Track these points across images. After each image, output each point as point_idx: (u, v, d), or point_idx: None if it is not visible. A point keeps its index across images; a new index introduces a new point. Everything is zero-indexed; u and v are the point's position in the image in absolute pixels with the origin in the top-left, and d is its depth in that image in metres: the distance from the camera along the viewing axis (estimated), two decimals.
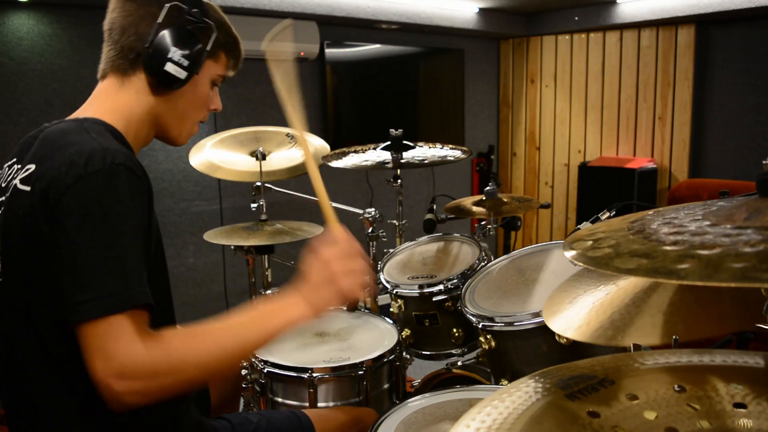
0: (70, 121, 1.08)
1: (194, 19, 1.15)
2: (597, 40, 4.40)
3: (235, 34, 1.26)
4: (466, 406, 1.38)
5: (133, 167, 0.99)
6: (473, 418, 0.63)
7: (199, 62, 1.15)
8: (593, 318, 1.01)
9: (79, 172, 0.94)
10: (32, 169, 1.01)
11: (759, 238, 0.62)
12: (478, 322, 1.56)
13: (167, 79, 1.13)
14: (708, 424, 0.63)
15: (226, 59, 1.24)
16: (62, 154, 0.98)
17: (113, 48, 1.14)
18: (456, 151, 2.18)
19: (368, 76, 4.16)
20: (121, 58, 1.13)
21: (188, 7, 1.14)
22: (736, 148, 3.89)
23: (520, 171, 5.01)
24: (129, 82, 1.14)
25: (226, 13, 1.25)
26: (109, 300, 0.90)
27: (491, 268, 1.79)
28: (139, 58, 1.12)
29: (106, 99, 1.14)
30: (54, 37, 3.03)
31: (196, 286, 3.59)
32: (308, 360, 1.65)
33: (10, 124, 2.94)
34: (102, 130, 1.05)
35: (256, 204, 2.19)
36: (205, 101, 1.24)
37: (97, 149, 0.97)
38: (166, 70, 1.11)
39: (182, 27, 1.13)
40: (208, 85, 1.23)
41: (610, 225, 0.82)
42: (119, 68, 1.14)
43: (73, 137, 1.01)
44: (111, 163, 0.96)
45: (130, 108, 1.14)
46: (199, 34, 1.15)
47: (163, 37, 1.11)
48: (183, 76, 1.13)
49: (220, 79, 1.25)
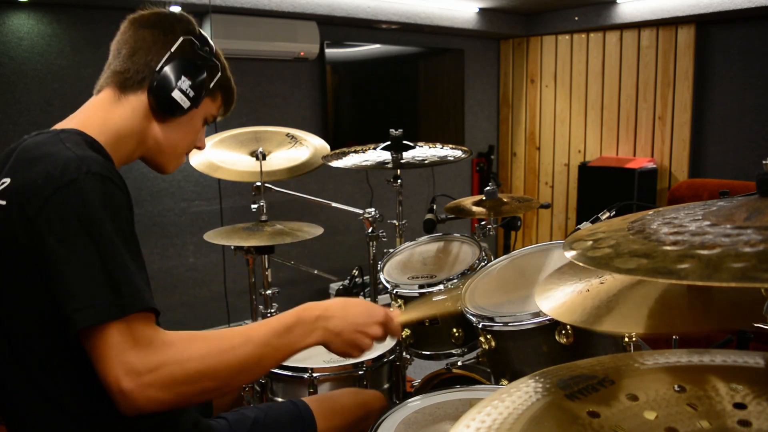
0: (47, 134, 1.08)
1: (204, 56, 1.20)
2: (597, 40, 4.40)
3: (232, 82, 1.32)
4: (466, 406, 1.38)
5: (110, 176, 0.99)
6: (473, 418, 0.63)
7: (201, 96, 1.20)
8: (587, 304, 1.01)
9: (56, 183, 0.94)
10: (7, 182, 1.00)
11: (759, 238, 0.62)
12: (478, 322, 1.56)
13: (171, 105, 1.16)
14: (708, 424, 0.63)
15: (221, 101, 1.29)
16: (38, 167, 0.97)
17: (120, 65, 1.16)
18: (456, 151, 2.18)
19: (368, 76, 4.16)
20: (127, 77, 1.15)
21: (200, 44, 1.20)
22: (736, 148, 3.89)
23: (520, 171, 5.01)
24: (126, 100, 1.16)
25: (227, 14, 1.27)
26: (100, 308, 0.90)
27: (491, 268, 1.79)
28: (145, 81, 1.15)
29: (96, 111, 1.15)
30: (54, 37, 3.03)
31: (196, 286, 3.59)
32: (308, 360, 1.65)
33: (10, 124, 2.94)
34: (78, 141, 1.05)
35: (257, 204, 2.19)
36: (196, 135, 1.27)
37: (72, 159, 0.97)
38: (172, 96, 1.15)
39: (193, 61, 1.18)
40: (202, 120, 1.26)
41: (610, 225, 0.82)
42: (120, 85, 1.16)
43: (48, 149, 1.01)
44: (87, 172, 0.95)
45: (120, 124, 1.15)
46: (207, 71, 1.20)
47: (175, 66, 1.16)
48: (186, 106, 1.17)
49: (210, 119, 1.29)
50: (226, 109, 1.32)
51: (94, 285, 0.91)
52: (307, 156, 2.28)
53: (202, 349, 0.96)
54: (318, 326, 1.10)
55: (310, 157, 2.28)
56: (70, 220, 0.93)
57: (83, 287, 0.91)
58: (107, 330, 0.90)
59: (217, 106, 1.28)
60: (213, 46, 1.24)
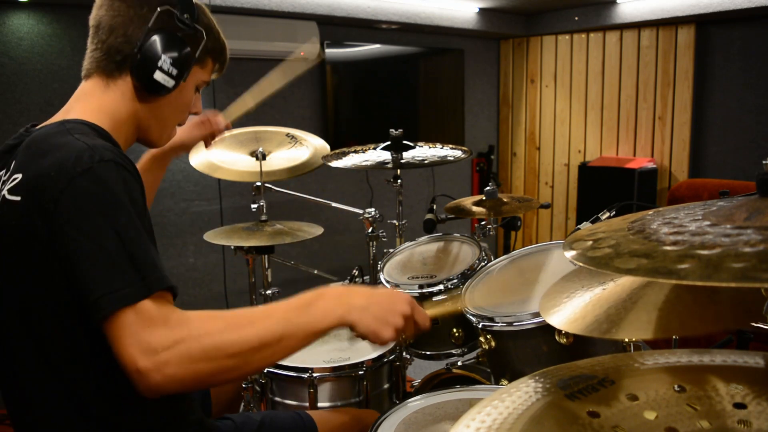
0: (52, 125, 1.07)
1: (185, 26, 1.14)
2: (597, 40, 4.40)
3: (222, 39, 1.25)
4: (466, 406, 1.38)
5: (122, 162, 0.99)
6: (473, 418, 0.63)
7: (187, 69, 1.15)
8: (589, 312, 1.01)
9: (70, 173, 0.94)
10: (19, 178, 1.00)
11: (759, 238, 0.62)
12: (478, 322, 1.56)
13: (155, 86, 1.12)
14: (708, 424, 0.63)
15: (212, 64, 1.25)
16: (49, 159, 0.97)
17: (99, 48, 1.13)
18: (456, 151, 2.18)
19: (368, 76, 4.16)
20: (107, 60, 1.12)
21: (179, 12, 1.13)
22: (736, 148, 3.89)
23: (520, 171, 5.01)
24: (114, 85, 1.13)
25: (226, 14, 1.25)
26: (128, 290, 0.90)
27: (491, 268, 1.79)
28: (126, 61, 1.11)
29: (90, 99, 1.13)
30: (54, 37, 3.03)
31: (196, 286, 3.59)
32: (308, 360, 1.65)
33: (10, 124, 2.94)
34: (85, 130, 1.05)
35: (257, 204, 2.19)
36: (188, 106, 1.24)
37: (83, 148, 0.97)
38: (154, 78, 1.11)
39: (173, 33, 1.12)
40: (193, 90, 1.23)
41: (610, 225, 0.82)
42: (105, 69, 1.13)
43: (57, 140, 1.01)
44: (99, 160, 0.95)
45: (116, 109, 1.13)
46: (189, 41, 1.15)
47: (153, 43, 1.10)
48: (171, 85, 1.13)
49: (204, 84, 1.25)
50: (219, 72, 1.28)
51: (119, 269, 0.91)
52: (307, 156, 2.28)
53: (220, 325, 0.94)
54: (342, 302, 1.02)
55: (310, 157, 2.28)
56: (88, 209, 0.93)
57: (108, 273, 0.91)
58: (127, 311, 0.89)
59: (209, 71, 1.24)
60: (195, 10, 1.16)
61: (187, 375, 0.89)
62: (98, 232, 0.92)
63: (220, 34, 1.25)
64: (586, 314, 1.01)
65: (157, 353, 0.87)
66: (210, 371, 0.91)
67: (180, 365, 0.88)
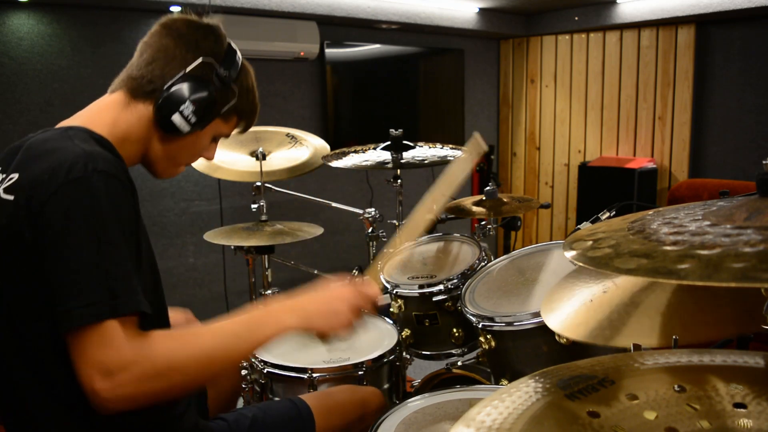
0: (55, 130, 1.08)
1: (220, 81, 1.16)
2: (597, 40, 4.40)
3: (256, 102, 1.27)
4: (466, 406, 1.38)
5: (116, 173, 0.99)
6: (473, 418, 0.63)
7: (206, 121, 1.17)
8: (591, 317, 1.01)
9: (60, 179, 0.94)
10: (15, 178, 1.01)
11: (759, 238, 0.62)
12: (478, 322, 1.56)
13: (170, 126, 1.14)
14: (708, 424, 0.63)
15: (237, 122, 1.26)
16: (44, 162, 0.97)
17: (136, 71, 1.14)
18: (456, 151, 2.18)
19: (368, 76, 4.16)
20: (139, 85, 1.14)
21: (221, 68, 1.15)
22: (736, 148, 3.89)
23: (520, 171, 5.01)
24: (135, 107, 1.14)
25: (226, 14, 1.25)
26: (97, 307, 0.90)
27: (491, 268, 1.79)
28: (155, 93, 1.13)
29: (107, 112, 1.14)
30: (54, 37, 3.03)
31: (196, 286, 3.59)
32: (308, 360, 1.65)
33: (10, 124, 2.94)
34: (86, 137, 1.05)
35: (257, 204, 2.19)
36: (200, 152, 1.24)
37: (79, 156, 0.97)
38: (171, 119, 1.12)
39: (205, 84, 1.14)
40: (209, 139, 1.23)
41: (610, 225, 0.82)
42: (132, 90, 1.14)
43: (56, 144, 1.01)
44: (93, 170, 0.95)
45: (128, 128, 1.14)
46: (218, 96, 1.16)
47: (182, 88, 1.12)
48: (185, 130, 1.15)
49: (221, 136, 1.26)
50: (244, 129, 1.29)
51: (92, 285, 0.91)
52: (307, 156, 2.28)
53: (171, 344, 0.97)
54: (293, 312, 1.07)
55: (310, 157, 2.28)
56: (73, 216, 0.93)
57: (80, 286, 0.91)
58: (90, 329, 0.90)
59: (231, 126, 1.25)
60: (238, 69, 1.19)
61: (140, 394, 0.92)
62: (78, 243, 0.92)
63: (256, 98, 1.26)
64: (588, 319, 1.01)
65: (113, 375, 0.89)
66: (162, 389, 0.95)
67: (133, 385, 0.91)
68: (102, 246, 0.93)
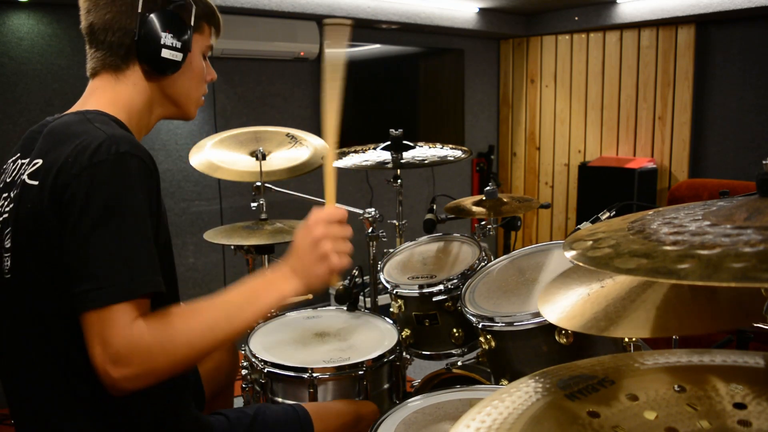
0: (73, 114, 1.09)
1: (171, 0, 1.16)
2: (597, 40, 4.40)
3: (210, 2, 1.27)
4: (466, 406, 1.38)
5: (140, 154, 1.00)
6: (473, 418, 0.63)
7: (189, 40, 1.17)
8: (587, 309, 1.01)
9: (85, 162, 0.95)
10: (39, 163, 1.02)
11: (759, 238, 0.62)
12: (478, 322, 1.56)
13: (165, 64, 1.14)
14: (708, 424, 0.63)
15: (208, 29, 1.26)
16: (68, 146, 0.99)
17: (100, 48, 1.14)
18: (456, 151, 2.18)
19: (368, 76, 4.16)
20: (112, 56, 1.14)
21: None
22: (736, 148, 3.89)
23: (520, 171, 5.01)
24: (124, 77, 1.15)
25: (226, 14, 1.26)
26: (116, 289, 0.91)
27: (491, 268, 1.79)
28: (131, 51, 1.13)
29: (103, 93, 1.15)
30: (54, 37, 3.03)
31: (196, 286, 3.59)
32: (308, 360, 1.65)
33: (10, 124, 2.94)
34: (105, 120, 1.06)
35: (256, 204, 2.19)
36: (202, 74, 1.26)
37: (103, 138, 0.98)
38: (163, 56, 1.13)
39: (164, 10, 1.14)
40: (201, 58, 1.25)
41: (610, 225, 0.82)
42: (111, 65, 1.15)
43: (78, 128, 1.02)
44: (116, 152, 0.97)
45: (130, 100, 1.15)
46: (181, 13, 1.17)
47: (150, 25, 1.12)
48: (179, 58, 1.16)
49: (208, 50, 1.27)
50: (217, 33, 1.30)
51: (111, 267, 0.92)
52: (307, 156, 2.28)
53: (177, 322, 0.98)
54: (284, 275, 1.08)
55: (310, 157, 2.28)
56: (93, 198, 0.94)
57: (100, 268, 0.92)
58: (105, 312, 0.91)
59: (207, 35, 1.26)
60: None
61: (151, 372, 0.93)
62: (101, 224, 0.93)
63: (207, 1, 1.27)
64: (585, 311, 1.01)
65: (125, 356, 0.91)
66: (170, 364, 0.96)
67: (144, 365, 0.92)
68: (121, 228, 0.94)
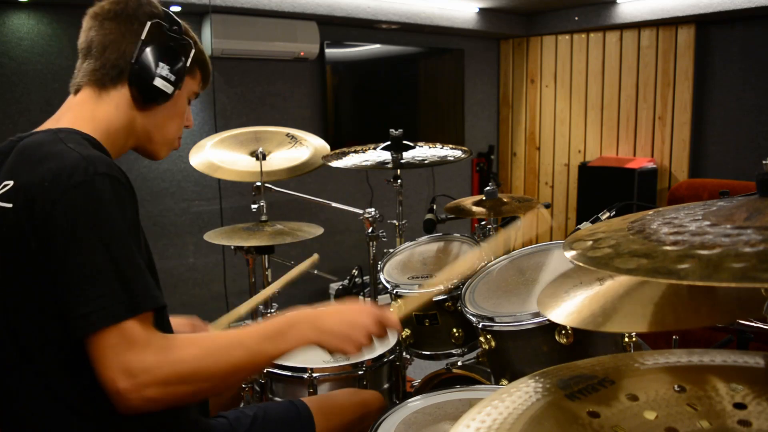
0: (44, 133, 1.07)
1: (175, 36, 1.18)
2: (597, 40, 4.40)
3: (205, 52, 1.30)
4: (466, 406, 1.38)
5: (116, 174, 0.99)
6: (473, 418, 0.63)
7: (182, 78, 1.19)
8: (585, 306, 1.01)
9: (63, 185, 0.94)
10: (10, 185, 1.00)
11: (759, 238, 0.62)
12: (478, 322, 1.56)
13: (155, 93, 1.15)
14: (708, 424, 0.63)
15: (199, 75, 1.28)
16: (42, 168, 0.97)
17: (93, 63, 1.14)
18: (456, 151, 2.18)
19: (368, 76, 4.16)
20: (103, 74, 1.14)
21: (168, 25, 1.18)
22: (736, 148, 3.89)
23: (520, 171, 5.01)
24: (108, 96, 1.14)
25: (226, 14, 1.26)
26: (113, 309, 0.91)
27: (491, 268, 1.79)
28: (123, 74, 1.14)
29: (82, 110, 1.14)
30: (54, 37, 3.03)
31: (196, 286, 3.59)
32: (308, 360, 1.65)
33: (10, 124, 2.94)
34: (79, 140, 1.05)
35: (257, 204, 2.19)
36: (183, 116, 1.27)
37: (78, 160, 0.97)
38: (155, 84, 1.14)
39: (166, 44, 1.16)
40: (186, 100, 1.26)
41: (610, 225, 0.82)
42: (98, 82, 1.14)
43: (51, 148, 1.00)
44: (93, 173, 0.96)
45: (108, 120, 1.14)
46: (180, 51, 1.19)
47: (149, 54, 1.14)
48: (170, 91, 1.17)
49: (194, 96, 1.29)
50: (204, 83, 1.31)
51: (107, 287, 0.92)
52: (307, 156, 2.28)
53: (197, 352, 0.98)
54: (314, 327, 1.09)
55: (310, 157, 2.28)
56: (80, 223, 0.93)
57: (95, 290, 0.91)
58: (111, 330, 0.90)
59: (197, 82, 1.27)
60: (181, 24, 1.21)
61: (164, 397, 0.94)
62: (88, 247, 0.92)
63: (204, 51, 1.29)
64: (582, 309, 1.01)
65: (137, 376, 0.90)
66: (186, 393, 0.96)
67: (157, 388, 0.92)
68: (112, 247, 0.94)
